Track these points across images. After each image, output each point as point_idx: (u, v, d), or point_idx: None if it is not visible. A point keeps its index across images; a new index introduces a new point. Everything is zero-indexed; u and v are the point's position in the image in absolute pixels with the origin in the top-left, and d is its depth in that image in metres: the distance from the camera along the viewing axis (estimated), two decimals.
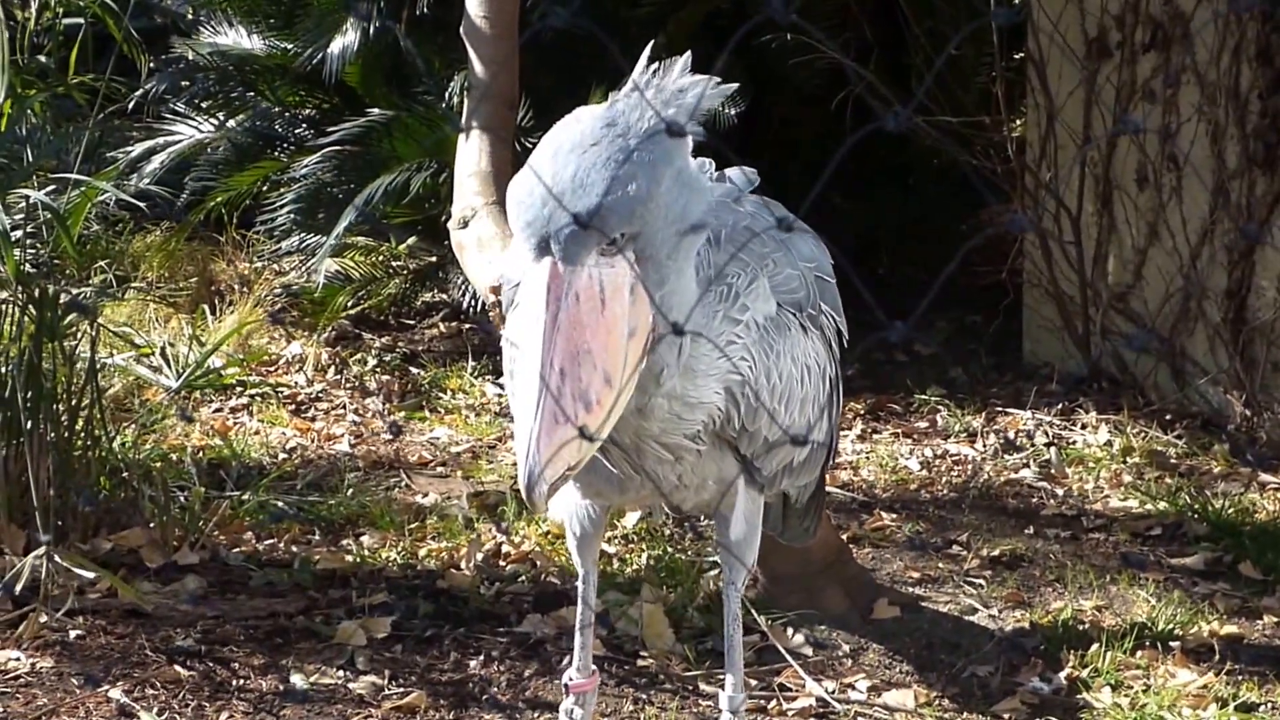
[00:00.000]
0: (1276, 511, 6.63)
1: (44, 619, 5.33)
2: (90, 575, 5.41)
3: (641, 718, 5.03)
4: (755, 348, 3.25)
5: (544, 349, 2.75)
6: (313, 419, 7.92)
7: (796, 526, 4.34)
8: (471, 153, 6.03)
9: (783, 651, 5.34)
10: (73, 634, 5.35)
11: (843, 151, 2.25)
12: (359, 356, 8.83)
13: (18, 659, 5.19)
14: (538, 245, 2.80)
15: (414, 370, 8.68)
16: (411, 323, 9.63)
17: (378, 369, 8.66)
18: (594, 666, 3.85)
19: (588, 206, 2.75)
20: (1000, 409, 7.88)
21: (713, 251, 3.20)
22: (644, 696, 5.13)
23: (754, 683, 5.21)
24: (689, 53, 3.11)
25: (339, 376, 8.54)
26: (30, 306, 5.87)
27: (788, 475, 3.61)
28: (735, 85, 3.22)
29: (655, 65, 3.01)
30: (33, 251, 6.15)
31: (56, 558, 5.27)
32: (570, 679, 3.82)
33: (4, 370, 5.80)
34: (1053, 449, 7.33)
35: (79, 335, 6.27)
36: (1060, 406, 7.84)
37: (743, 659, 3.77)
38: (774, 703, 5.13)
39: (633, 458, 3.29)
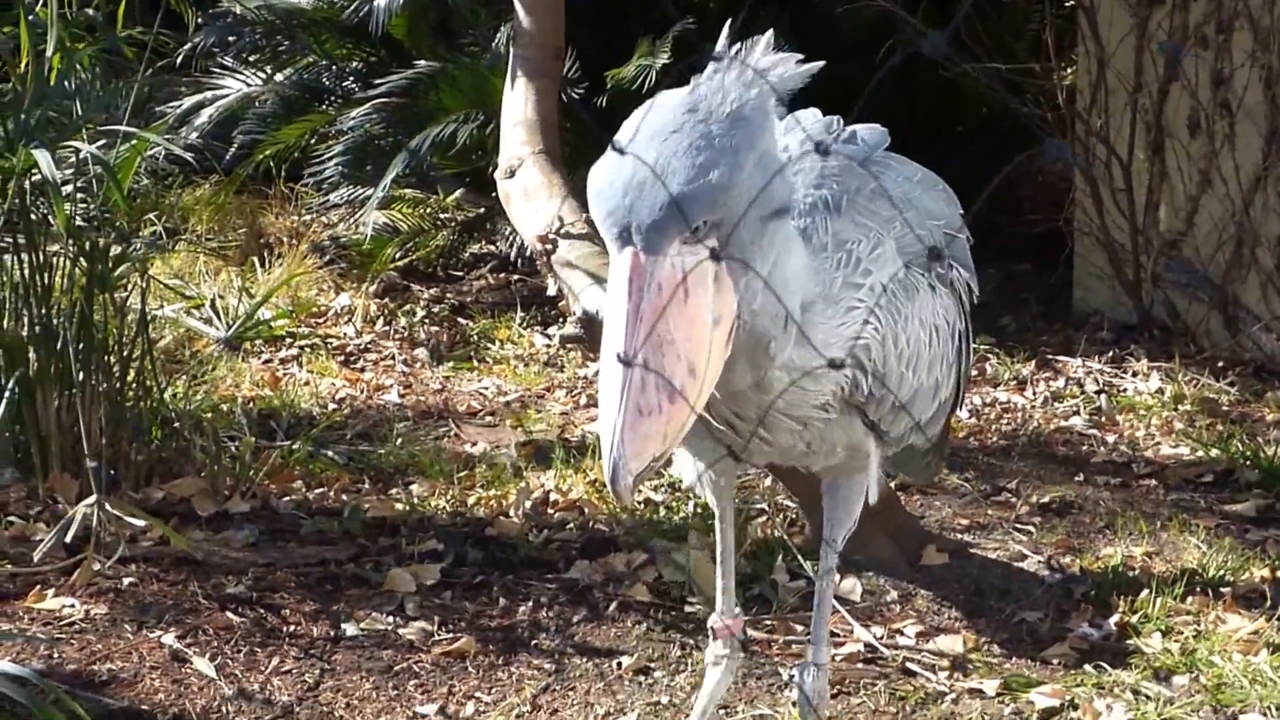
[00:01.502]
0: None
1: (96, 567, 5.38)
2: (141, 524, 5.45)
3: (689, 662, 5.04)
4: (882, 312, 3.19)
5: (627, 339, 2.69)
6: (362, 370, 7.95)
7: (919, 465, 4.25)
8: (518, 102, 6.03)
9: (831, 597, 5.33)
10: (125, 581, 5.40)
11: (880, 73, 2.22)
12: (407, 308, 8.86)
13: (72, 605, 5.24)
14: (619, 235, 2.73)
15: (462, 321, 8.70)
16: (459, 274, 9.65)
17: (426, 320, 8.69)
18: (738, 608, 3.86)
19: (667, 197, 2.69)
20: (1050, 357, 7.83)
21: (831, 218, 3.14)
22: (691, 642, 5.14)
23: (800, 628, 5.22)
24: (771, 31, 3.02)
25: (388, 328, 8.57)
26: (81, 259, 5.91)
27: (915, 432, 3.55)
28: (820, 64, 3.09)
29: (738, 45, 2.92)
30: (83, 205, 6.18)
31: (108, 506, 5.31)
32: (714, 624, 3.82)
33: (56, 322, 5.84)
34: (1103, 396, 7.29)
35: (130, 287, 6.31)
36: (1111, 354, 7.79)
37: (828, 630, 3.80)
38: None
39: (761, 431, 3.23)
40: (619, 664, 5.02)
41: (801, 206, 3.15)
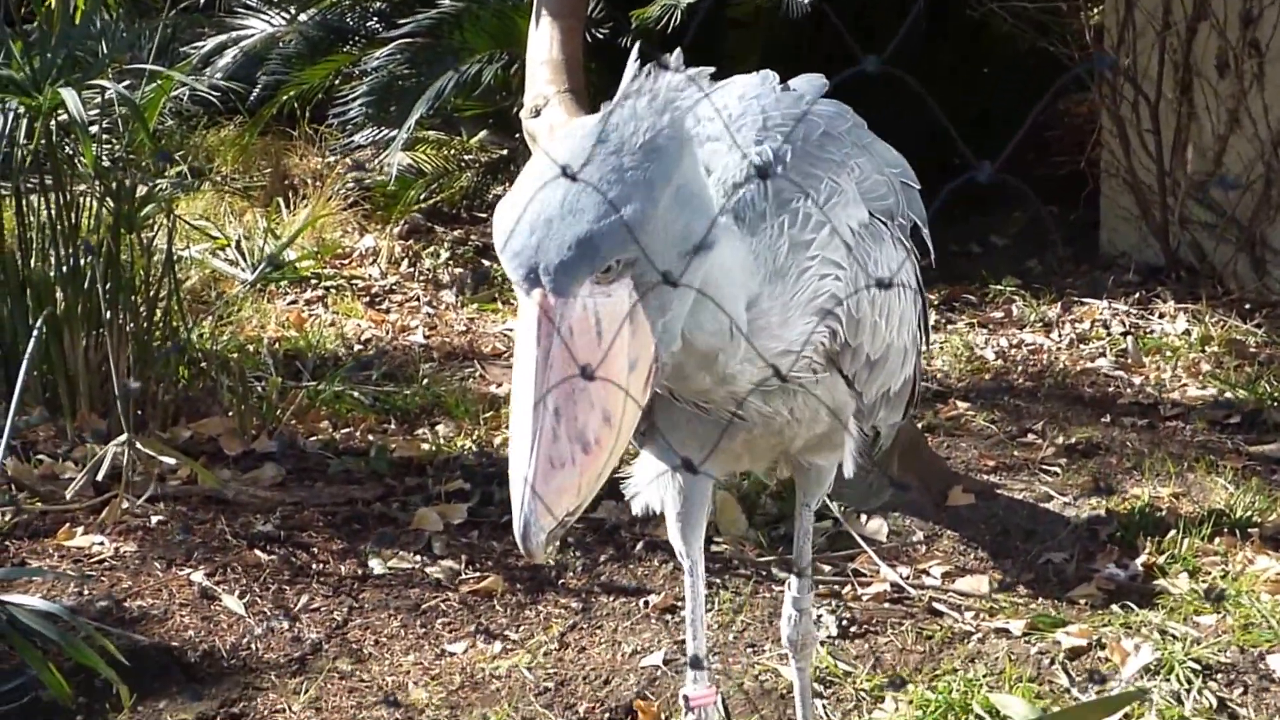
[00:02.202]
0: None
1: (125, 505, 5.39)
2: (171, 462, 5.47)
3: (716, 601, 5.04)
4: (847, 259, 3.00)
5: (536, 387, 2.50)
6: (387, 311, 7.95)
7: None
8: (543, 41, 5.99)
9: (856, 538, 5.35)
10: (154, 520, 5.42)
11: (911, 17, 2.17)
12: (432, 249, 8.85)
13: (101, 543, 5.27)
14: (526, 276, 2.51)
15: (486, 263, 8.68)
16: (483, 216, 9.62)
17: (450, 261, 8.67)
18: (710, 684, 3.53)
19: (578, 234, 2.46)
20: (1076, 299, 7.80)
21: (771, 179, 2.94)
22: (718, 581, 5.14)
23: (827, 569, 5.22)
24: (679, 50, 2.78)
25: (412, 269, 8.57)
26: (108, 199, 5.91)
27: (884, 406, 3.40)
28: (712, 70, 2.89)
29: (646, 68, 2.66)
30: (109, 146, 6.17)
31: (138, 445, 5.32)
32: (687, 694, 3.48)
33: (84, 261, 5.85)
34: (1129, 338, 7.26)
35: (156, 228, 6.31)
36: (1137, 296, 7.75)
37: (810, 567, 3.75)
38: (848, 588, 5.13)
39: (741, 411, 3.12)
40: (646, 603, 5.04)
41: (737, 176, 2.95)
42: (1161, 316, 7.55)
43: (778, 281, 2.92)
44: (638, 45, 2.81)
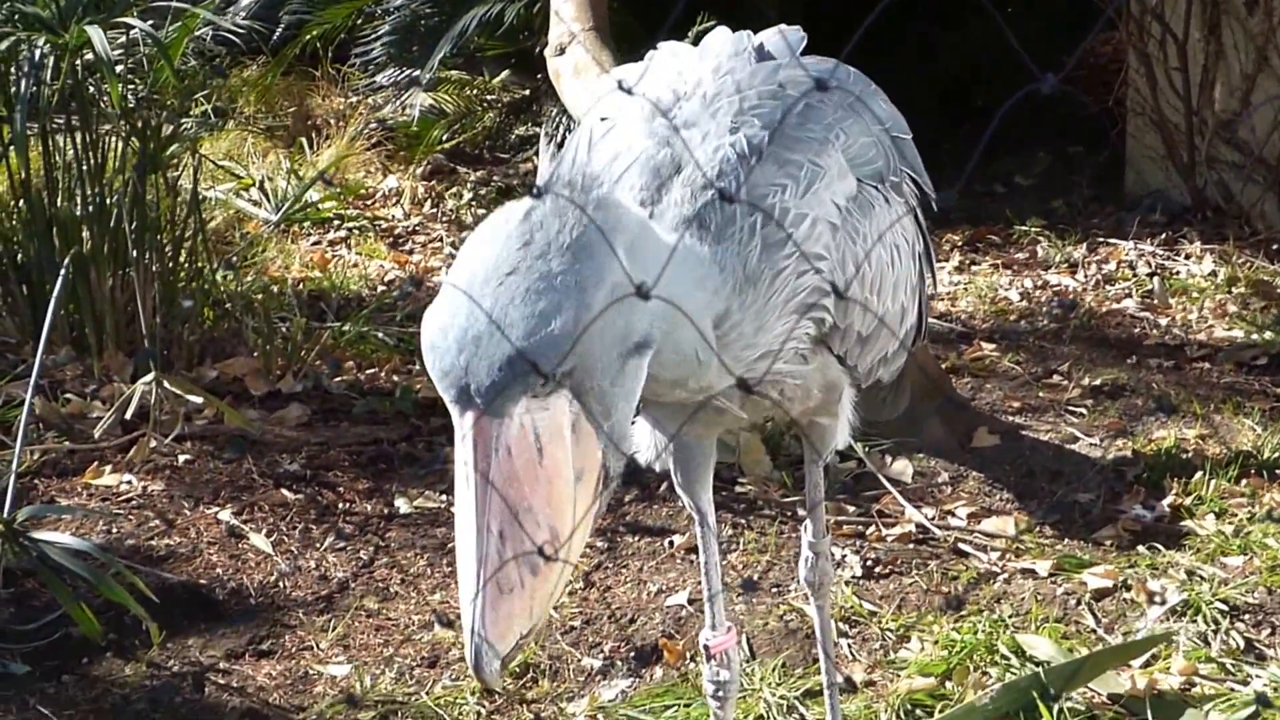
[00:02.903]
0: None
1: (153, 444, 5.41)
2: (198, 400, 5.47)
3: (741, 541, 5.05)
4: (833, 244, 2.87)
5: (478, 513, 2.34)
6: (410, 252, 7.94)
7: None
8: None
9: (881, 479, 5.34)
10: (181, 459, 5.44)
11: None
12: (454, 190, 8.83)
13: (129, 482, 5.28)
14: (458, 397, 2.34)
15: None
16: (506, 156, 9.60)
17: (473, 203, 8.65)
18: (730, 624, 3.48)
19: (508, 353, 2.29)
20: (1102, 239, 7.76)
21: (746, 173, 2.78)
22: (743, 521, 5.15)
23: (852, 509, 5.22)
24: (593, 125, 2.75)
25: (435, 210, 8.55)
26: (134, 138, 5.90)
27: (883, 366, 3.28)
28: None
29: (561, 150, 2.55)
30: (134, 85, 6.15)
31: (166, 384, 5.33)
32: (707, 640, 3.44)
33: (109, 200, 5.84)
34: (1155, 279, 7.22)
35: (181, 167, 6.30)
36: (1163, 236, 7.70)
37: (824, 522, 3.70)
38: (872, 529, 5.13)
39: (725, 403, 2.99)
40: (670, 543, 5.04)
41: (711, 171, 2.78)
42: (1188, 257, 7.50)
43: (748, 290, 2.76)
44: (546, 130, 2.66)
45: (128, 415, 5.39)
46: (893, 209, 3.04)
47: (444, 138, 9.36)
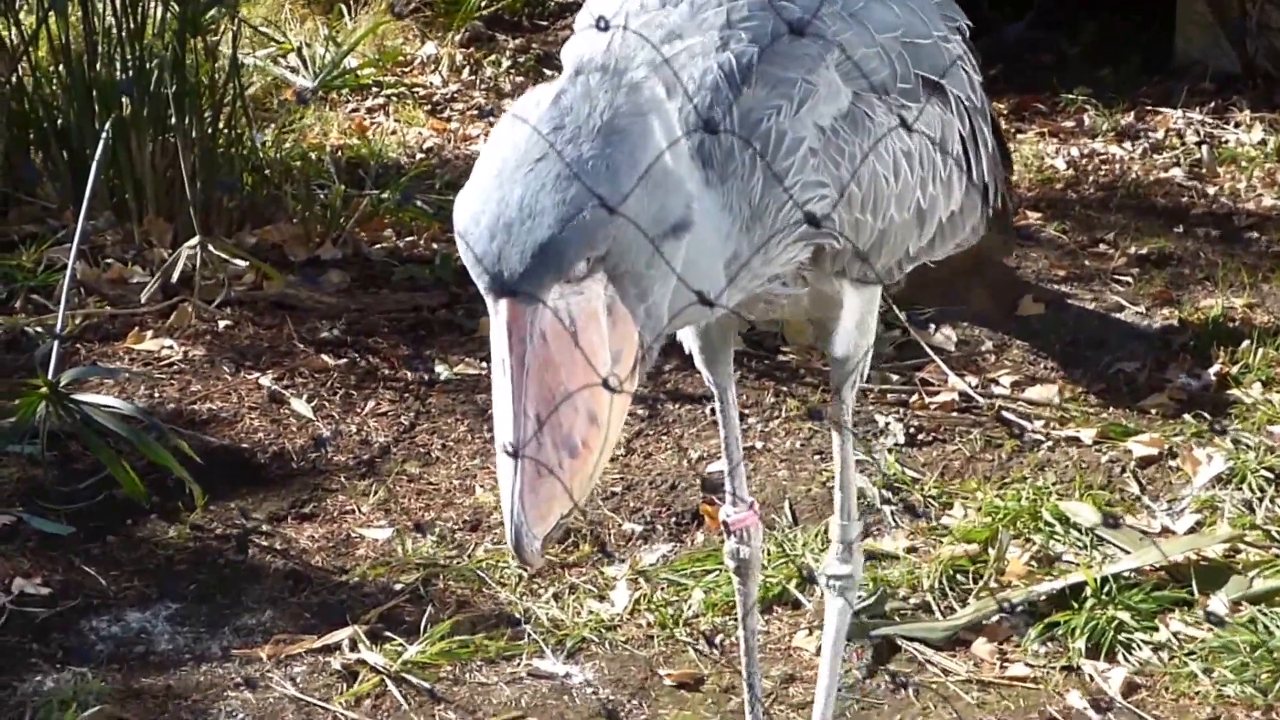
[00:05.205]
0: None
1: (193, 309, 5.39)
2: (242, 264, 5.46)
3: (782, 410, 5.03)
4: (823, 167, 2.74)
5: (515, 398, 2.32)
6: (448, 119, 7.86)
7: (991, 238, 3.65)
8: None
9: (925, 346, 5.29)
10: (222, 325, 5.42)
11: None
12: (493, 58, 8.71)
13: (170, 347, 5.28)
14: (491, 285, 2.31)
15: (548, 72, 8.55)
16: (545, 24, 9.47)
17: (512, 70, 8.55)
18: (751, 499, 3.40)
19: (540, 241, 2.26)
20: (1150, 108, 7.62)
21: (738, 96, 2.67)
22: (785, 389, 5.12)
23: (895, 377, 5.18)
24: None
25: (473, 77, 8.45)
26: (173, 1, 5.82)
27: (909, 262, 3.11)
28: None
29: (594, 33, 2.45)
30: None
31: (210, 247, 5.31)
32: (727, 516, 3.38)
33: (149, 65, 5.79)
34: (1204, 147, 7.10)
35: (220, 32, 6.23)
36: (1212, 105, 7.56)
37: (855, 496, 3.33)
38: (915, 396, 5.10)
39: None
40: (710, 410, 5.02)
41: (700, 104, 2.66)
42: (1237, 126, 7.37)
43: (755, 224, 2.69)
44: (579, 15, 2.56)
45: (171, 280, 5.37)
46: (891, 118, 2.87)
47: (482, 4, 9.22)
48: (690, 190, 2.47)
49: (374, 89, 8.20)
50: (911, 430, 4.93)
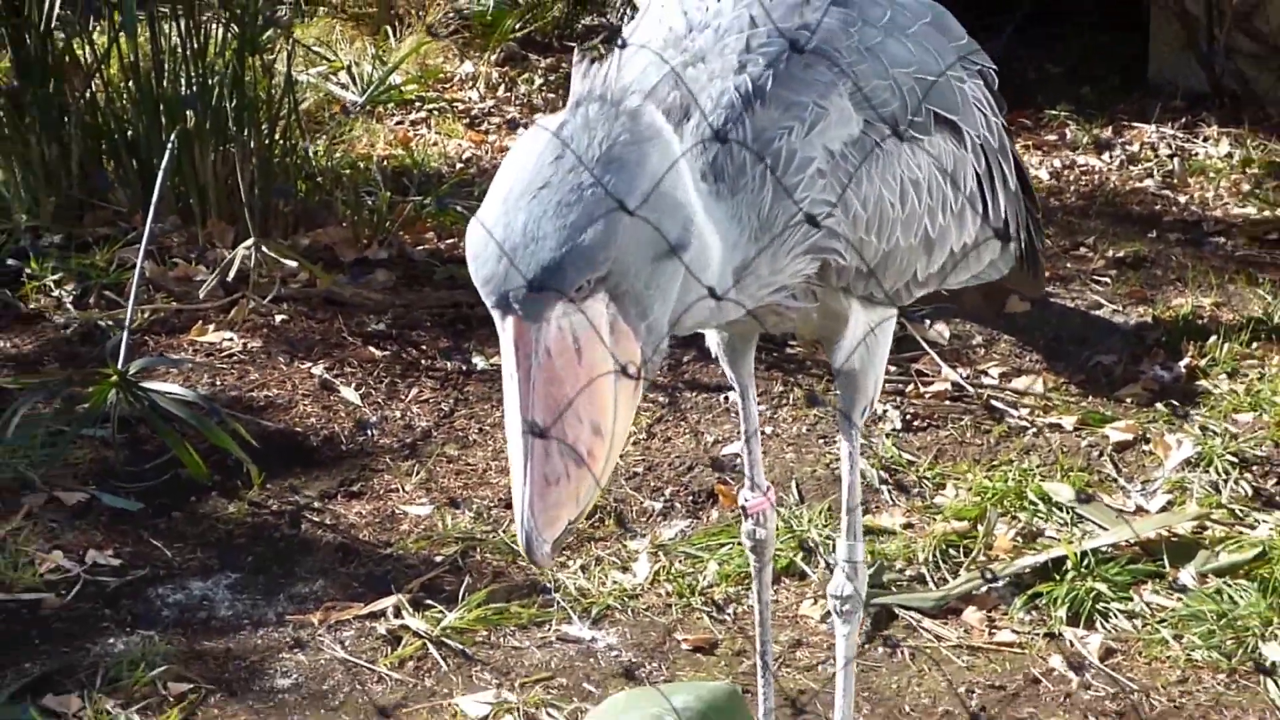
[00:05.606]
0: None
1: (252, 305, 5.39)
2: (294, 264, 5.45)
3: (790, 397, 5.01)
4: (831, 186, 2.68)
5: (523, 410, 2.31)
6: (486, 132, 7.86)
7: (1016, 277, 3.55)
8: None
9: (919, 340, 5.27)
10: (277, 319, 5.42)
11: None
12: (526, 76, 8.71)
13: (230, 339, 5.28)
14: (498, 303, 2.30)
15: None
16: (572, 45, 9.46)
17: (543, 88, 8.55)
18: (768, 484, 3.35)
19: (542, 263, 2.24)
20: (1126, 123, 7.59)
21: (751, 117, 2.61)
22: (792, 379, 5.11)
23: (893, 368, 5.16)
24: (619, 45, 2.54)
25: (508, 94, 8.44)
26: (233, 24, 5.83)
27: (917, 287, 2.98)
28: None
29: (593, 65, 2.37)
30: None
31: (264, 248, 5.31)
32: (745, 500, 3.32)
33: (211, 82, 5.79)
34: (1176, 160, 7.07)
35: (276, 51, 6.23)
36: (1184, 121, 7.52)
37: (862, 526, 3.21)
38: (911, 386, 5.08)
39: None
40: (725, 399, 5.01)
41: (715, 121, 2.61)
42: (1206, 140, 7.33)
43: (765, 235, 2.62)
44: (578, 47, 2.49)
45: (229, 278, 5.37)
46: (905, 150, 2.81)
47: (516, 26, 9.22)
48: (689, 213, 2.42)
49: (417, 104, 8.19)
50: (907, 417, 4.91)
